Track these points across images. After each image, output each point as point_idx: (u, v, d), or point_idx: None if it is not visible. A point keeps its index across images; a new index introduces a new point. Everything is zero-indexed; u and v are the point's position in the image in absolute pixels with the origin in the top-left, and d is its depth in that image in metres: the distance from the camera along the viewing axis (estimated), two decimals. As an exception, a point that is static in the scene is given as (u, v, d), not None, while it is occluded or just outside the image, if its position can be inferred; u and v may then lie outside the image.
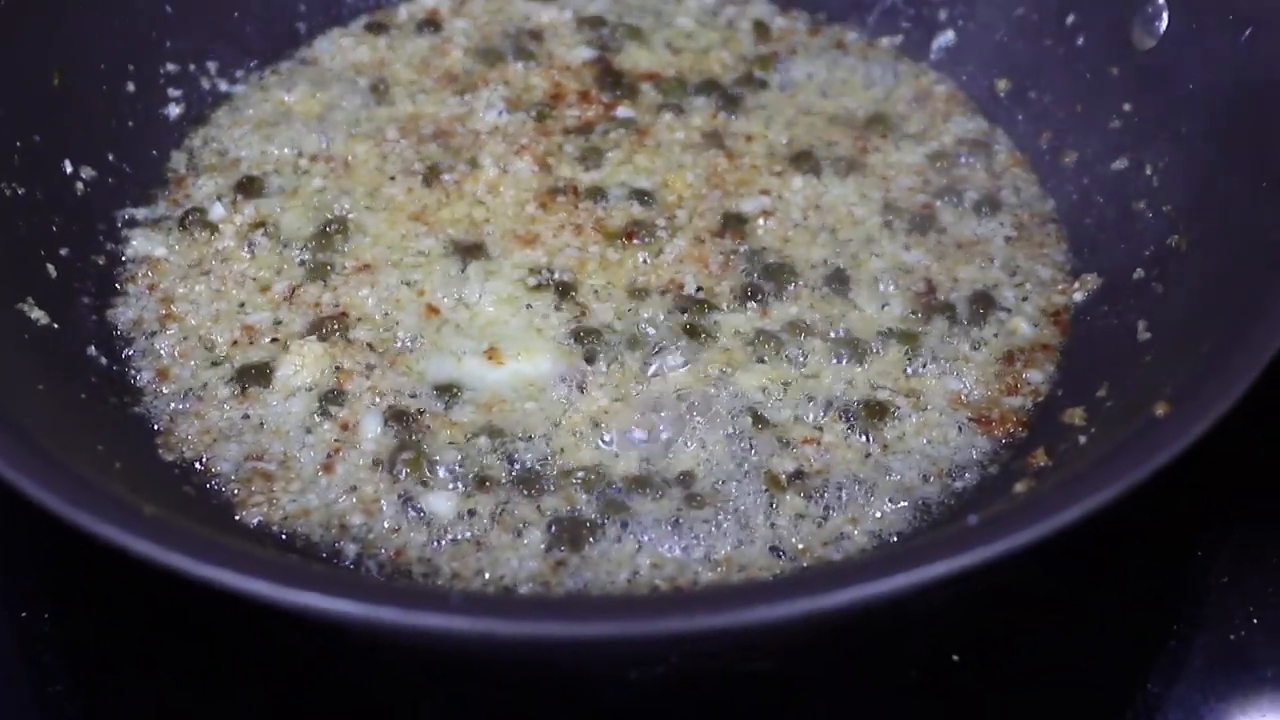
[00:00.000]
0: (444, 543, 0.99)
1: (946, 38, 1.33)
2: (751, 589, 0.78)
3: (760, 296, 1.12)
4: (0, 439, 0.85)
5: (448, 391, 1.06)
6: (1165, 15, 1.16)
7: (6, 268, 1.06)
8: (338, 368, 1.08)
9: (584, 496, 1.01)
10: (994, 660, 0.98)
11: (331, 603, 0.76)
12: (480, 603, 0.80)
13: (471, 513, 1.00)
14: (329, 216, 1.18)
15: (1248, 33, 1.08)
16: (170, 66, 1.27)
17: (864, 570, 0.77)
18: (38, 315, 1.04)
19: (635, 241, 1.16)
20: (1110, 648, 0.99)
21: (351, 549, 0.99)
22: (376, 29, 1.36)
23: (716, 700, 0.97)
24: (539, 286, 1.13)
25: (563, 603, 0.90)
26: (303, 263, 1.15)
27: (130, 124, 1.23)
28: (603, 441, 1.04)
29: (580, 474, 1.01)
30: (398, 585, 0.94)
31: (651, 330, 1.10)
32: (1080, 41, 1.23)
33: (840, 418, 1.05)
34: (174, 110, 1.27)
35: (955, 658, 0.97)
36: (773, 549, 0.99)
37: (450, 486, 1.01)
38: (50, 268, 1.10)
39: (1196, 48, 1.13)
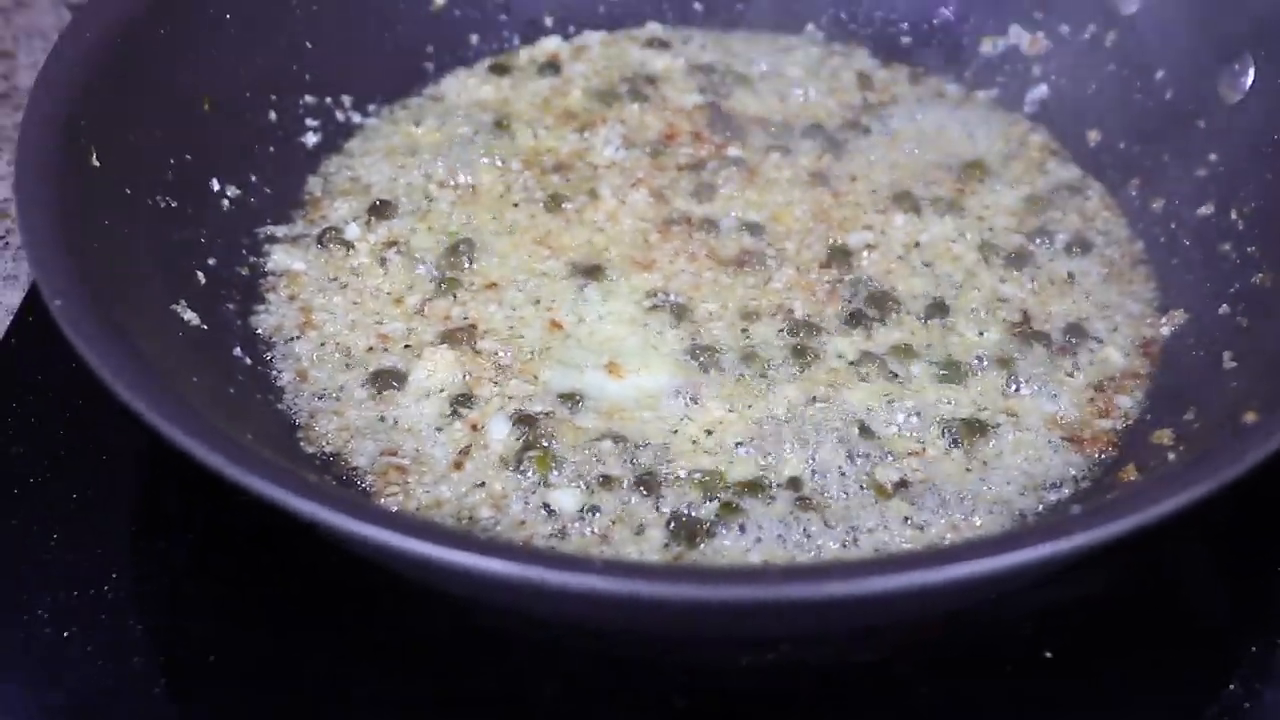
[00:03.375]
0: (569, 536, 1.05)
1: (1040, 91, 1.40)
2: (883, 561, 0.84)
3: (865, 322, 1.19)
4: (178, 414, 0.91)
5: (570, 399, 1.13)
6: (1251, 71, 1.22)
7: (162, 272, 1.13)
8: (467, 374, 1.15)
9: (699, 498, 1.07)
10: (1084, 658, 1.03)
11: (487, 563, 0.83)
12: (624, 567, 0.87)
13: (594, 510, 1.06)
14: (458, 238, 1.26)
15: (1329, 88, 1.15)
16: (309, 98, 1.35)
17: (987, 547, 0.83)
18: (189, 316, 1.12)
19: (746, 269, 1.23)
20: (1194, 651, 1.04)
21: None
22: (500, 70, 1.44)
23: (820, 691, 1.03)
24: (655, 307, 1.20)
25: (705, 570, 0.96)
26: (433, 279, 1.23)
27: (271, 149, 1.31)
28: (717, 449, 1.10)
29: (697, 476, 1.08)
30: (546, 550, 1.01)
31: (762, 349, 1.16)
32: (1168, 95, 1.30)
33: (942, 434, 1.11)
34: (311, 138, 1.35)
35: (1048, 655, 1.02)
36: (877, 551, 1.05)
37: (574, 485, 1.08)
38: (199, 275, 1.17)
39: (1280, 101, 1.20)
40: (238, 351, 1.16)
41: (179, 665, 1.05)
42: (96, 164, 1.10)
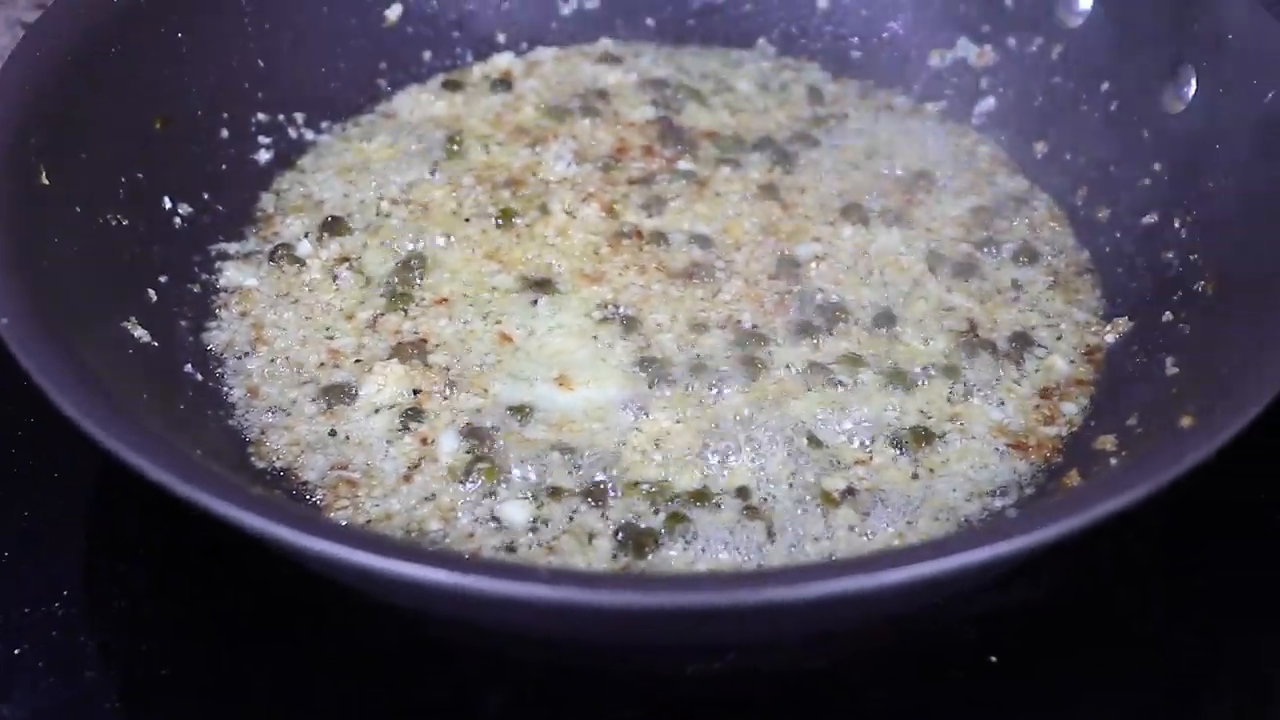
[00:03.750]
0: (517, 548, 1.06)
1: (988, 104, 1.42)
2: (824, 566, 0.85)
3: (813, 332, 1.20)
4: (123, 429, 0.92)
5: (520, 412, 1.14)
6: (1193, 81, 1.24)
7: (112, 289, 1.13)
8: (417, 389, 1.16)
9: (647, 508, 1.08)
10: (1028, 664, 1.05)
11: (428, 572, 0.83)
12: (568, 576, 0.87)
13: (543, 521, 1.07)
14: (409, 253, 1.26)
15: (1269, 96, 1.16)
16: (261, 116, 1.36)
17: (927, 551, 0.84)
18: (140, 334, 1.12)
19: (695, 281, 1.24)
20: (1137, 652, 1.06)
21: (431, 551, 1.06)
22: (453, 86, 1.45)
23: (771, 698, 1.04)
24: (605, 320, 1.21)
25: (647, 578, 0.97)
26: (384, 294, 1.23)
27: (224, 167, 1.32)
28: (665, 459, 1.11)
29: (644, 487, 1.09)
30: (490, 559, 1.02)
31: (710, 360, 1.17)
32: (1113, 107, 1.31)
33: (889, 442, 1.12)
34: (264, 156, 1.35)
35: (993, 659, 1.04)
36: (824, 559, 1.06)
37: (523, 496, 1.08)
38: (151, 292, 1.18)
39: (1222, 111, 1.21)
40: (189, 368, 1.16)
41: (132, 680, 1.05)
42: (46, 182, 1.10)
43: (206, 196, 1.28)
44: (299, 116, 1.39)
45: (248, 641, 1.06)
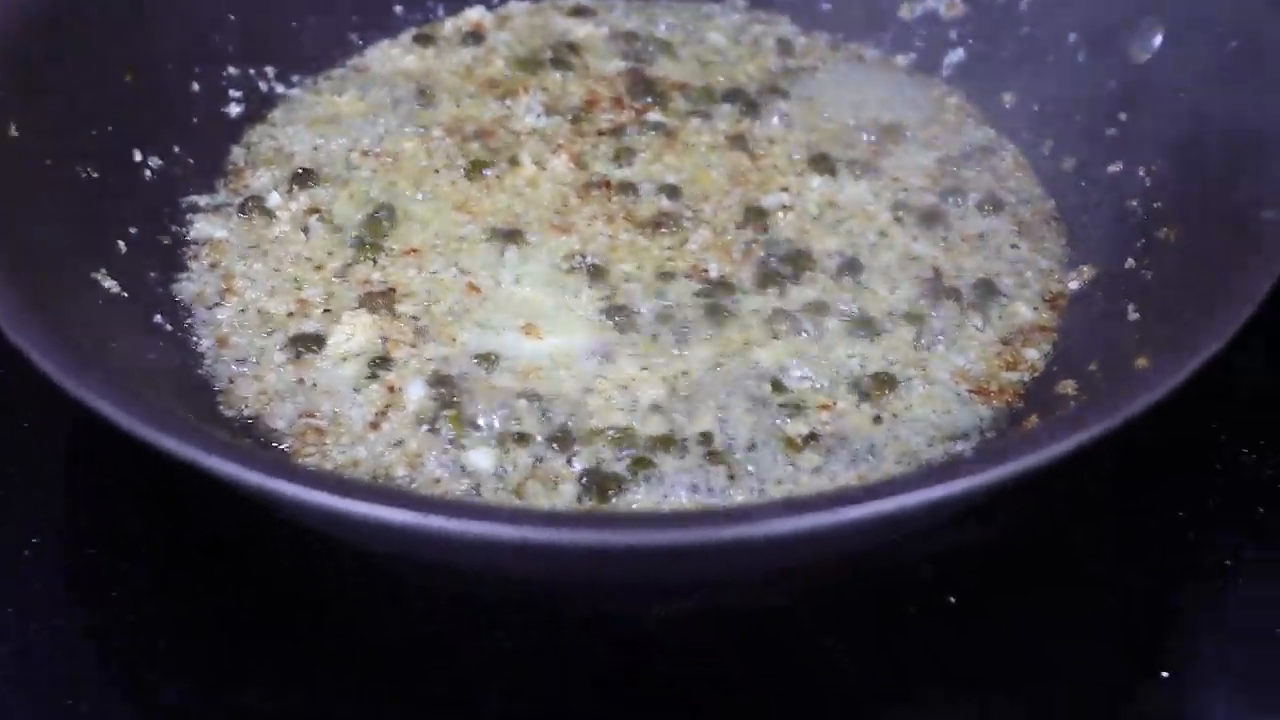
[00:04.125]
0: (483, 493, 1.07)
1: (957, 55, 1.43)
2: (788, 503, 0.86)
3: (779, 281, 1.21)
4: (94, 379, 0.92)
5: (487, 360, 1.14)
6: (1159, 32, 1.25)
7: (82, 241, 1.14)
8: (385, 338, 1.16)
9: (612, 453, 1.09)
10: (985, 604, 1.06)
11: (390, 513, 0.84)
12: (531, 515, 0.88)
13: (508, 467, 1.08)
14: (378, 204, 1.27)
15: (1232, 45, 1.17)
16: (232, 70, 1.37)
17: (884, 489, 0.85)
18: (110, 285, 1.13)
19: (663, 231, 1.25)
20: (1093, 591, 1.08)
21: (398, 496, 1.06)
22: (424, 40, 1.46)
23: (732, 637, 1.05)
24: (573, 270, 1.22)
25: (613, 516, 0.98)
26: (354, 245, 1.24)
27: (194, 120, 1.32)
28: (631, 406, 1.12)
29: (610, 433, 1.09)
30: (451, 499, 1.02)
31: (677, 309, 1.18)
32: (1080, 58, 1.32)
33: (852, 388, 1.13)
34: (234, 109, 1.36)
35: (951, 600, 1.05)
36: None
37: (489, 442, 1.09)
38: (121, 244, 1.18)
39: (1186, 61, 1.22)
40: (158, 319, 1.17)
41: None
42: (15, 134, 1.11)
43: (177, 149, 1.29)
44: (270, 70, 1.39)
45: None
